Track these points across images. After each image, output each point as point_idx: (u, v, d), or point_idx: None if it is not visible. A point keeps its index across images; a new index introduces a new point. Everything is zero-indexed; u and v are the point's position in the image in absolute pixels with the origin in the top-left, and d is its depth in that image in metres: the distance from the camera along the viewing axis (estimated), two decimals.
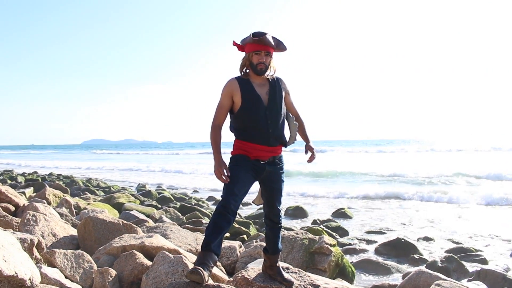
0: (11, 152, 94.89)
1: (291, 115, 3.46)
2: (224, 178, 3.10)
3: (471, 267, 6.13)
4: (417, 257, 6.56)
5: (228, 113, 3.32)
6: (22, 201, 6.63)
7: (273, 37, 3.21)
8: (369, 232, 8.72)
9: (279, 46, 3.28)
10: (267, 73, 3.27)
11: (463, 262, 6.05)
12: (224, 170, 3.12)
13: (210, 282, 3.09)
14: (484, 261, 6.43)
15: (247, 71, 3.28)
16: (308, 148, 3.50)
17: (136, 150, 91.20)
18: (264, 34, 3.16)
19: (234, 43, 3.31)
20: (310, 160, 3.47)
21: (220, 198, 3.14)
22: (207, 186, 17.92)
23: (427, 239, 7.96)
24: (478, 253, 6.80)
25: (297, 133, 3.49)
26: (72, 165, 36.94)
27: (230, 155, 3.33)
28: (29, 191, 11.30)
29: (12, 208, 6.28)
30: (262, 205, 3.46)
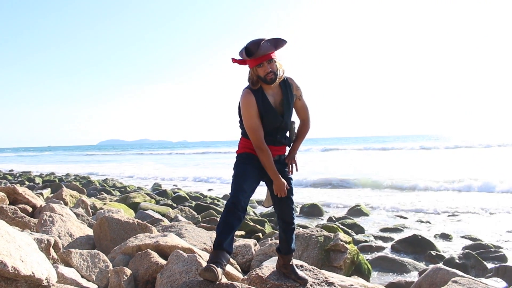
0: (31, 154, 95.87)
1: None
2: (285, 190, 3.21)
3: (490, 263, 6.03)
4: (434, 254, 6.48)
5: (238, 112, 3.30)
6: (39, 202, 6.71)
7: (267, 40, 3.04)
8: (385, 229, 8.64)
9: (278, 44, 3.09)
10: (278, 76, 3.13)
11: (482, 259, 5.95)
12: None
13: (224, 280, 3.08)
14: (504, 258, 6.32)
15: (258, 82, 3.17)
16: (290, 158, 3.39)
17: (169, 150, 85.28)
18: (259, 44, 3.01)
19: (234, 61, 3.17)
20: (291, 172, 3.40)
21: (229, 196, 3.12)
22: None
23: (444, 235, 7.85)
24: (497, 249, 6.69)
25: (295, 132, 3.44)
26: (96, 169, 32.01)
27: (236, 154, 3.33)
28: (47, 192, 11.47)
29: (30, 209, 6.36)
30: (272, 206, 3.45)
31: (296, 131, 3.45)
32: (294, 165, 3.38)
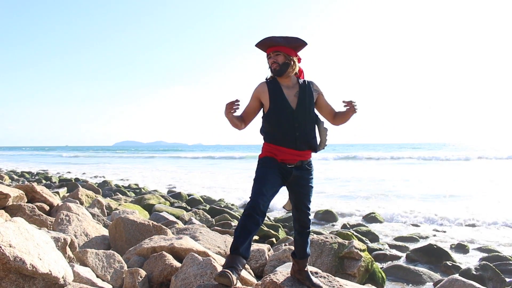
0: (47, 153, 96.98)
1: (321, 120, 3.39)
2: (231, 102, 3.05)
3: (509, 277, 5.91)
4: (450, 264, 6.37)
5: (257, 115, 3.33)
6: (56, 201, 6.80)
7: (280, 37, 3.17)
8: (400, 238, 8.53)
9: (291, 42, 3.18)
10: (287, 72, 3.21)
11: (500, 271, 5.82)
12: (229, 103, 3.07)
13: (239, 285, 3.08)
14: None
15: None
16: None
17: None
18: (270, 37, 3.17)
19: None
20: (350, 108, 3.18)
21: (249, 199, 3.10)
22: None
23: (460, 246, 7.72)
24: None
25: (327, 138, 3.38)
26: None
27: (258, 158, 3.31)
28: (63, 191, 11.62)
29: (47, 208, 6.45)
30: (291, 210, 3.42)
31: (327, 137, 3.38)
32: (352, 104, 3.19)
